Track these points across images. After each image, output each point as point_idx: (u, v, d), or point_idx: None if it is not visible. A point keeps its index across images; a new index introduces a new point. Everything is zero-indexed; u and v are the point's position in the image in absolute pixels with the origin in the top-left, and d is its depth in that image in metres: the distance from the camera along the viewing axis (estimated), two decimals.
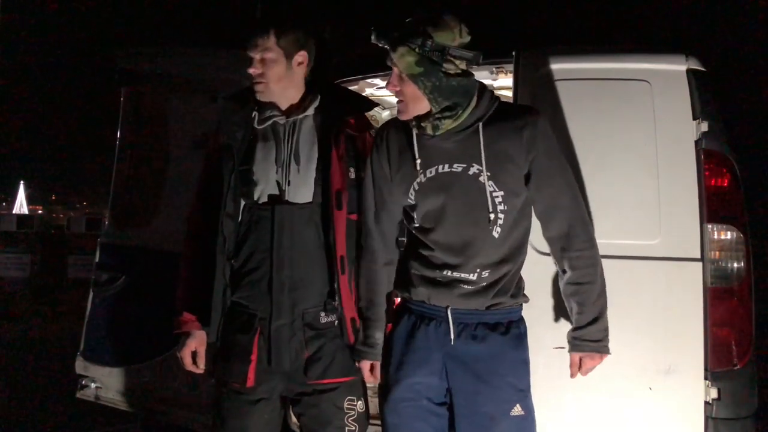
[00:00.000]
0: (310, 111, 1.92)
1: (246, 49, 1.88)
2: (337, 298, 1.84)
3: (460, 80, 1.66)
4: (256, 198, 1.88)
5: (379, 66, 3.10)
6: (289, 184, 1.87)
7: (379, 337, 1.83)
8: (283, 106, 1.91)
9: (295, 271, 1.84)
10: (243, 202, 1.90)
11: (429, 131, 1.70)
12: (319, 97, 1.94)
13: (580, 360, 1.78)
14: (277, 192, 1.88)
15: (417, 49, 1.62)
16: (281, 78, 1.88)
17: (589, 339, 1.75)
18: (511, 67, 2.34)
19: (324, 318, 1.86)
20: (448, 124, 1.68)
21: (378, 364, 1.83)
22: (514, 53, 2.33)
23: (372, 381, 1.87)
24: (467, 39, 1.67)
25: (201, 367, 1.92)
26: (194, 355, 1.91)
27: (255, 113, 1.92)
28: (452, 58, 1.64)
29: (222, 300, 1.87)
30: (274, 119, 1.91)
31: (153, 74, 2.99)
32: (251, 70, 1.86)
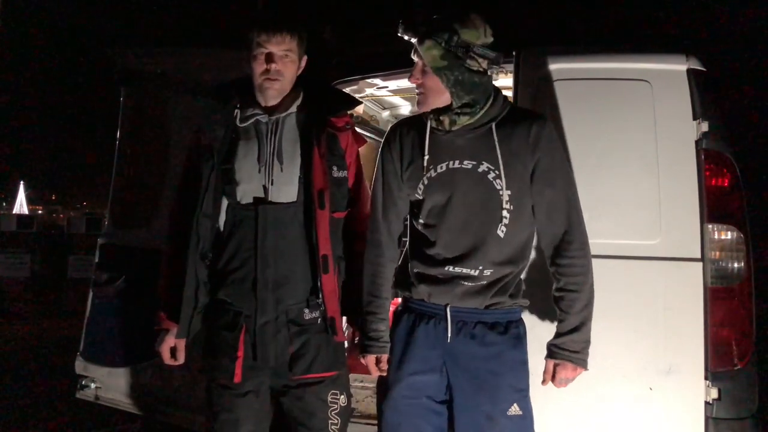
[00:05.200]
0: (293, 109, 1.92)
1: (261, 42, 1.83)
2: (320, 296, 1.85)
3: (480, 77, 1.71)
4: (239, 198, 1.88)
5: (378, 66, 3.11)
6: (272, 184, 1.86)
7: (383, 330, 1.84)
8: (269, 105, 1.90)
9: (279, 269, 1.85)
10: (226, 202, 1.90)
11: (446, 125, 1.73)
12: (301, 95, 1.95)
13: (554, 368, 1.74)
14: (260, 192, 1.87)
15: (443, 44, 1.67)
16: (292, 80, 1.90)
17: (566, 348, 1.72)
18: (511, 67, 2.35)
19: (308, 314, 1.89)
20: (464, 120, 1.72)
21: (384, 357, 1.83)
22: (514, 53, 2.33)
23: (377, 374, 1.86)
24: (490, 40, 1.72)
25: (180, 360, 1.95)
26: (173, 350, 1.93)
27: (237, 111, 1.91)
28: (475, 56, 1.68)
29: (194, 298, 1.87)
30: (257, 117, 1.90)
31: (153, 74, 2.99)
32: (273, 66, 1.83)
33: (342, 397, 1.93)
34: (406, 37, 1.73)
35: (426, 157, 1.76)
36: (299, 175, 1.87)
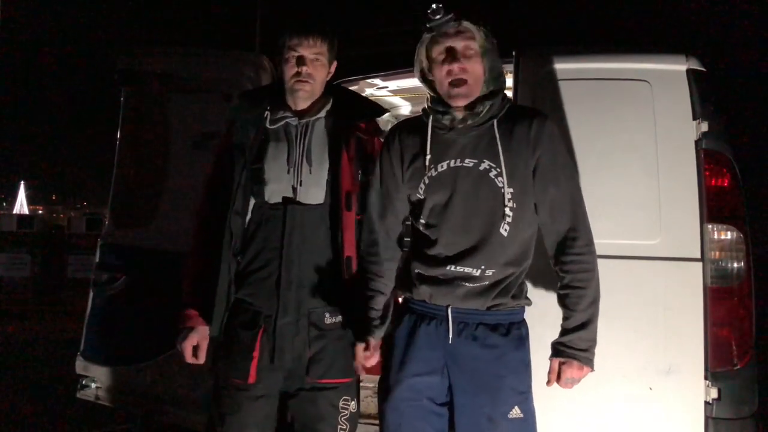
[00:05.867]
0: (322, 113, 1.95)
1: (292, 45, 1.88)
2: (342, 298, 1.86)
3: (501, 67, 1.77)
4: (266, 197, 1.90)
5: (379, 66, 3.11)
6: (300, 185, 1.88)
7: (374, 315, 1.81)
8: (299, 108, 1.94)
9: (304, 270, 1.86)
10: (252, 201, 1.92)
11: (447, 123, 1.73)
12: (331, 100, 1.98)
13: (560, 367, 1.72)
14: (289, 192, 1.89)
15: (484, 29, 1.71)
16: (322, 84, 1.94)
17: (572, 346, 1.70)
18: (511, 67, 2.35)
19: (329, 319, 1.89)
20: (486, 109, 1.72)
21: (373, 342, 1.79)
22: (514, 53, 2.34)
23: (361, 362, 1.81)
24: None
25: (201, 360, 1.93)
26: (195, 348, 1.92)
27: (267, 113, 1.95)
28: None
29: (226, 296, 1.88)
30: (287, 120, 1.93)
31: (153, 74, 2.99)
32: (304, 68, 1.87)
33: (353, 403, 1.93)
34: (445, 20, 1.68)
35: (428, 157, 1.75)
36: (327, 178, 1.89)
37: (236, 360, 1.87)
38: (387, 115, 4.07)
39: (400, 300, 1.90)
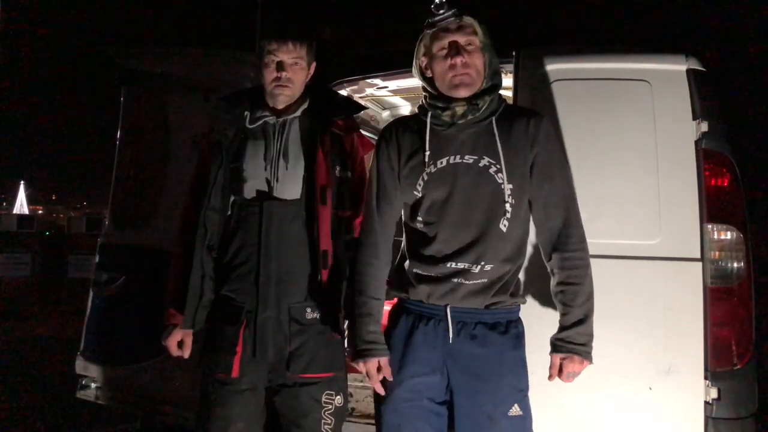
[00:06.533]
0: (299, 112, 1.99)
1: (272, 50, 1.92)
2: (321, 292, 1.89)
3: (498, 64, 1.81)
4: (245, 194, 1.94)
5: (379, 66, 3.11)
6: (277, 181, 1.92)
7: (377, 330, 1.79)
8: (278, 108, 1.98)
9: (282, 265, 1.89)
10: (233, 198, 1.96)
11: (447, 119, 1.74)
12: (308, 99, 2.02)
13: (561, 363, 1.73)
14: (266, 188, 1.93)
15: (482, 25, 1.74)
16: (302, 86, 1.99)
17: (572, 341, 1.71)
18: (511, 67, 2.35)
19: (309, 314, 1.91)
20: (486, 104, 1.74)
21: (386, 360, 1.76)
22: (514, 53, 2.34)
23: (378, 380, 1.75)
24: None
25: (186, 355, 1.99)
26: (180, 344, 1.98)
27: (247, 113, 2.00)
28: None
29: (200, 288, 1.92)
30: (265, 119, 1.98)
31: (153, 74, 2.99)
32: (284, 74, 1.92)
33: (338, 397, 1.95)
34: (448, 14, 1.72)
35: (427, 153, 1.76)
36: (303, 174, 1.92)
37: (221, 355, 1.91)
38: (387, 114, 4.09)
39: (395, 301, 1.89)
